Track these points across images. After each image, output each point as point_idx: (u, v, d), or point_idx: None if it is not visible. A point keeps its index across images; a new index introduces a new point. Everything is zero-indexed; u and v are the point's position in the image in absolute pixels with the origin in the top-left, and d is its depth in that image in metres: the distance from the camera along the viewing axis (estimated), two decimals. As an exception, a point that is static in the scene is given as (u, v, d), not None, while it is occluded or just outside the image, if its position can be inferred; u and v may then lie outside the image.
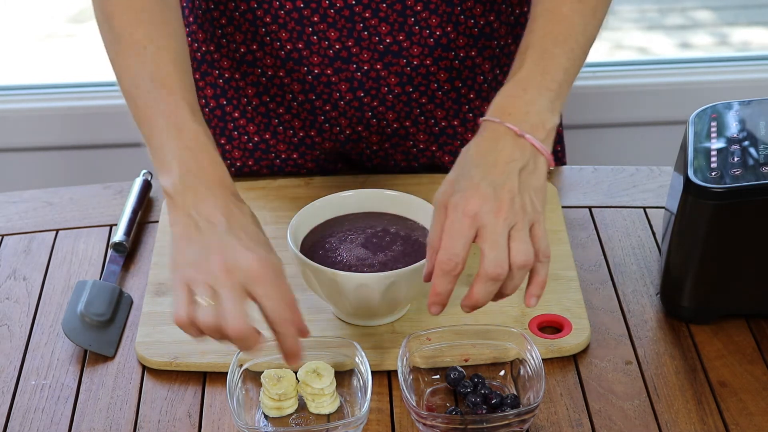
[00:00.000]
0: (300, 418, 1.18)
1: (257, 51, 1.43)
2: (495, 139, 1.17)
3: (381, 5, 1.39)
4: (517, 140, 1.16)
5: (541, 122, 1.18)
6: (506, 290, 1.15)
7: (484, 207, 1.12)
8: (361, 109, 1.46)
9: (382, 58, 1.42)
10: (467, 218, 1.12)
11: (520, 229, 1.13)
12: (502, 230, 1.12)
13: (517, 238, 1.13)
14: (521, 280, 1.14)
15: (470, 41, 1.44)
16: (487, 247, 1.12)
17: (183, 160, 1.16)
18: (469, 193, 1.13)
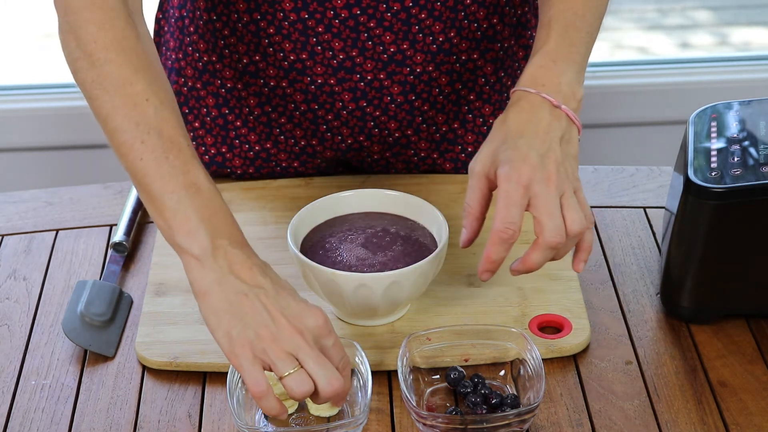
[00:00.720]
0: (300, 418, 1.18)
1: (260, 62, 1.43)
2: (533, 109, 1.21)
3: (386, 15, 1.38)
4: (554, 110, 1.21)
5: (572, 93, 1.23)
6: (558, 256, 1.19)
7: (536, 176, 1.16)
8: (363, 118, 1.46)
9: (386, 67, 1.42)
10: (521, 187, 1.16)
11: (570, 196, 1.17)
12: (555, 199, 1.16)
13: (569, 207, 1.17)
14: (573, 245, 1.19)
15: (473, 44, 1.44)
16: (545, 216, 1.16)
17: (207, 220, 1.11)
18: (519, 163, 1.17)
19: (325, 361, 1.09)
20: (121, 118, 1.15)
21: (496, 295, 1.31)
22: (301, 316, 1.09)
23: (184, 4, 1.46)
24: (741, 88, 2.37)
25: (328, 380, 1.09)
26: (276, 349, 1.08)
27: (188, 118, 1.50)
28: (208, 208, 1.12)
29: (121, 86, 1.15)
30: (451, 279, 1.33)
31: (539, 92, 1.21)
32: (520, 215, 1.17)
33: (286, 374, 1.08)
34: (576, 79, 1.24)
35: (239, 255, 1.11)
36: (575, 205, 1.17)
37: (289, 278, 1.32)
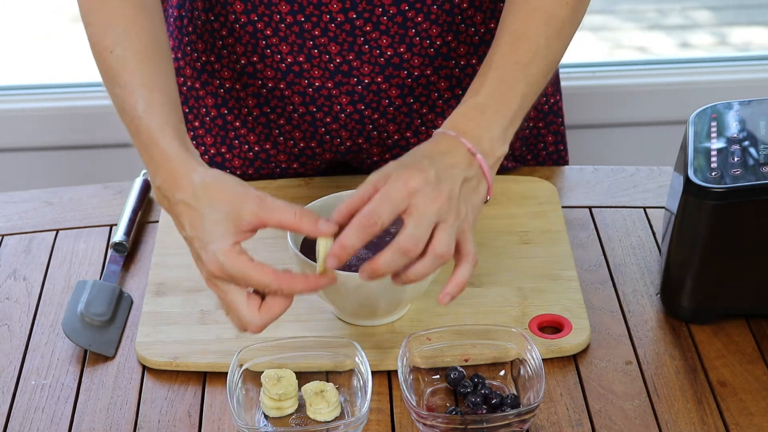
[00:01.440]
0: (300, 418, 1.18)
1: (258, 63, 1.43)
2: (448, 146, 1.16)
3: (382, 18, 1.38)
4: (469, 157, 1.16)
5: (492, 149, 1.17)
6: (410, 274, 1.12)
7: (425, 189, 1.11)
8: (361, 121, 1.46)
9: (383, 71, 1.42)
10: (405, 191, 1.10)
11: (449, 226, 1.11)
12: (432, 216, 1.11)
13: (442, 230, 1.11)
14: (430, 270, 1.12)
15: (471, 49, 1.44)
16: (412, 222, 1.10)
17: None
18: (415, 172, 1.12)
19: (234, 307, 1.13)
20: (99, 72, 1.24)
21: (496, 295, 1.31)
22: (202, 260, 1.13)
23: (182, 3, 1.46)
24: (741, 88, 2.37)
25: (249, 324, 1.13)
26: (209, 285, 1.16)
27: (188, 117, 1.50)
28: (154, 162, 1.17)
29: (96, 43, 1.24)
30: (451, 279, 1.32)
31: (458, 136, 1.16)
32: (390, 214, 1.10)
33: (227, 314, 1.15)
34: (500, 136, 1.18)
35: None
36: (450, 233, 1.11)
37: (289, 278, 1.32)
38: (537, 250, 1.37)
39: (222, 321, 1.28)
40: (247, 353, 1.19)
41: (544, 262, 1.35)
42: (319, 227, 1.12)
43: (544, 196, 1.46)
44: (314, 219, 1.12)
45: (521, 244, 1.39)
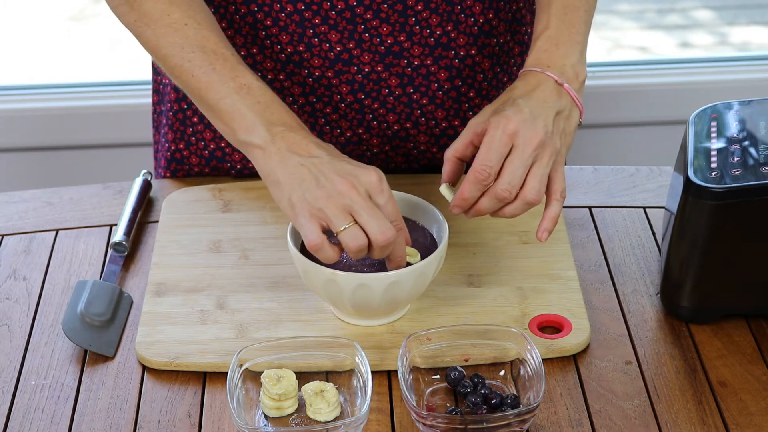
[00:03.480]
0: (300, 418, 1.18)
1: (257, 54, 1.43)
2: (537, 82, 1.26)
3: (382, 6, 1.39)
4: (557, 88, 1.26)
5: (575, 74, 1.28)
6: (505, 213, 1.24)
7: (522, 130, 1.21)
8: (362, 111, 1.46)
9: (383, 59, 1.42)
10: (506, 135, 1.21)
11: (543, 165, 1.22)
12: (528, 159, 1.21)
13: (534, 174, 1.22)
14: (522, 211, 1.23)
15: (470, 39, 1.44)
16: (508, 170, 1.21)
17: (261, 113, 1.23)
18: (511, 114, 1.22)
19: (377, 212, 1.17)
20: (166, 46, 1.28)
21: (496, 295, 1.31)
22: (353, 173, 1.18)
23: None
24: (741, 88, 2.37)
25: (380, 229, 1.17)
26: (331, 205, 1.17)
27: (187, 113, 1.50)
28: (260, 104, 1.24)
29: (159, 18, 1.28)
30: (451, 279, 1.33)
31: (544, 71, 1.27)
32: (498, 160, 1.21)
33: (342, 229, 1.16)
34: (579, 60, 1.29)
35: (295, 136, 1.22)
36: (541, 177, 1.22)
37: (290, 278, 1.33)
38: (537, 250, 1.37)
39: (222, 321, 1.28)
40: (247, 353, 1.19)
41: (544, 262, 1.35)
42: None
43: (544, 196, 1.46)
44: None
45: (521, 244, 1.39)
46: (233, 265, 1.36)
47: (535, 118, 1.22)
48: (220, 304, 1.30)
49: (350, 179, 1.17)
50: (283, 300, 1.30)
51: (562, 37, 1.29)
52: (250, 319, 1.28)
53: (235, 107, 1.24)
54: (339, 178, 1.17)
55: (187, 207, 1.46)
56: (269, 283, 1.33)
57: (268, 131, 1.22)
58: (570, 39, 1.30)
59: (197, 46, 1.26)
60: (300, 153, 1.20)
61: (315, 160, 1.20)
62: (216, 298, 1.31)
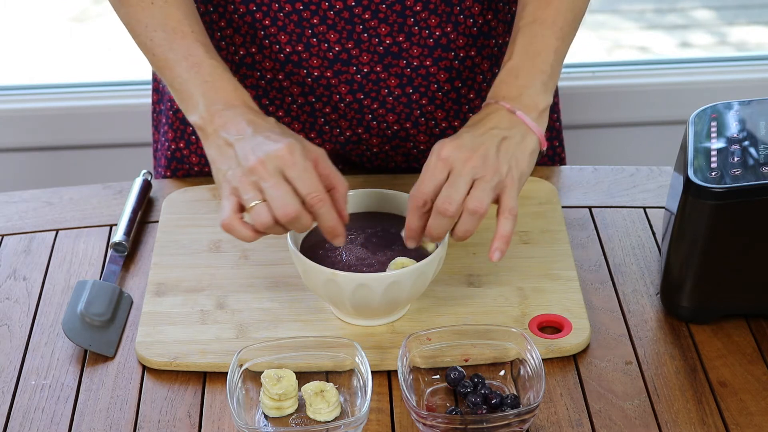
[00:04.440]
0: (300, 418, 1.18)
1: (256, 54, 1.43)
2: (487, 113, 1.26)
3: (380, 6, 1.39)
4: (509, 115, 1.25)
5: (534, 103, 1.26)
6: (458, 231, 1.21)
7: (457, 153, 1.20)
8: (361, 111, 1.46)
9: (382, 59, 1.42)
10: (440, 161, 1.21)
11: (486, 181, 1.20)
12: (466, 174, 1.20)
13: (477, 187, 1.20)
14: (472, 226, 1.21)
15: (469, 41, 1.44)
16: (446, 185, 1.20)
17: (205, 92, 1.26)
18: (448, 141, 1.22)
19: (283, 187, 1.17)
20: (135, 25, 1.31)
21: (496, 295, 1.31)
22: (265, 149, 1.18)
23: None
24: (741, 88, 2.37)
25: (281, 203, 1.17)
26: (244, 183, 1.18)
27: None
28: (207, 83, 1.26)
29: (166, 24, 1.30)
30: (451, 279, 1.33)
31: (497, 101, 1.26)
32: (433, 187, 1.20)
33: (251, 206, 1.18)
34: (541, 90, 1.27)
35: (230, 113, 1.24)
36: (484, 189, 1.20)
37: (289, 278, 1.33)
38: (537, 250, 1.38)
39: (222, 321, 1.28)
40: (247, 353, 1.19)
41: (544, 262, 1.35)
42: None
43: (544, 196, 1.46)
44: None
45: (521, 244, 1.39)
46: (233, 265, 1.36)
47: (474, 143, 1.22)
48: (220, 304, 1.30)
49: (260, 155, 1.18)
50: (283, 300, 1.30)
51: (524, 69, 1.28)
52: (250, 319, 1.28)
53: (185, 86, 1.27)
54: (252, 155, 1.19)
55: (187, 207, 1.46)
56: (269, 283, 1.33)
57: (207, 110, 1.25)
58: (532, 69, 1.28)
59: (159, 25, 1.29)
60: (230, 131, 1.22)
61: (241, 138, 1.21)
62: (216, 298, 1.31)
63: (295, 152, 1.18)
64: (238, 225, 1.19)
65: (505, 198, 1.22)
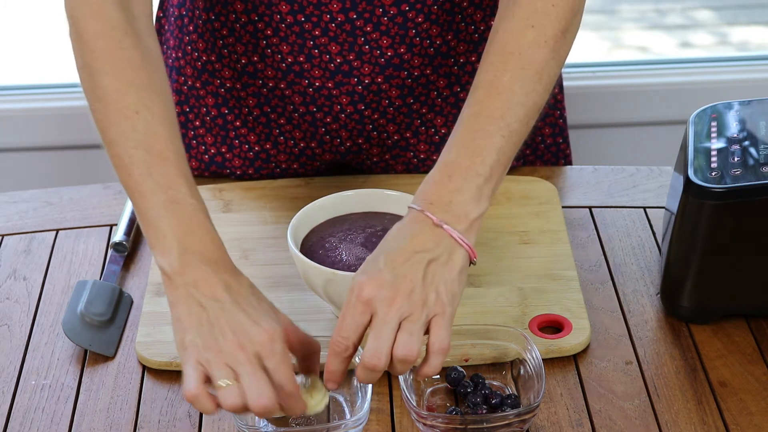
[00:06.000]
0: (300, 418, 1.18)
1: (258, 63, 1.43)
2: (411, 225, 1.12)
3: (382, 19, 1.38)
4: (434, 230, 1.12)
5: (464, 212, 1.13)
6: (394, 372, 1.11)
7: (379, 294, 1.08)
8: (362, 121, 1.45)
9: (384, 71, 1.42)
10: (361, 303, 1.09)
11: (413, 321, 1.09)
12: (391, 320, 1.08)
13: (405, 330, 1.09)
14: (404, 370, 1.10)
15: (470, 47, 1.44)
16: (372, 336, 1.09)
17: (181, 237, 1.11)
18: (368, 278, 1.09)
19: (261, 377, 1.06)
20: (114, 132, 1.15)
21: (496, 295, 1.31)
22: (248, 332, 1.07)
23: (183, 2, 1.46)
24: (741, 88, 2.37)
25: (257, 395, 1.06)
26: (217, 360, 1.07)
27: (189, 116, 1.50)
28: (184, 225, 1.12)
29: (114, 99, 1.15)
30: (451, 279, 1.32)
31: (423, 210, 1.12)
32: (355, 331, 1.09)
33: (222, 385, 1.07)
34: (474, 197, 1.13)
35: (205, 271, 1.10)
36: (413, 330, 1.08)
37: (289, 278, 1.32)
38: (537, 250, 1.38)
39: (222, 321, 1.28)
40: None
41: (544, 262, 1.35)
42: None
43: (544, 196, 1.46)
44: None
45: (521, 244, 1.39)
46: (233, 265, 1.36)
47: (396, 279, 1.09)
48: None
49: (241, 338, 1.07)
50: (283, 300, 1.30)
51: (459, 169, 1.13)
52: None
53: (158, 223, 1.12)
54: (231, 334, 1.07)
55: (187, 207, 1.45)
56: (269, 283, 1.33)
57: (180, 260, 1.11)
58: (468, 171, 1.13)
59: (142, 143, 1.14)
60: (204, 292, 1.09)
61: (216, 304, 1.09)
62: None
63: (276, 341, 1.08)
64: (204, 398, 1.07)
65: (434, 332, 1.10)
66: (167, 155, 1.13)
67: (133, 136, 1.14)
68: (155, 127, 1.14)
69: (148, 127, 1.14)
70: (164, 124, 1.15)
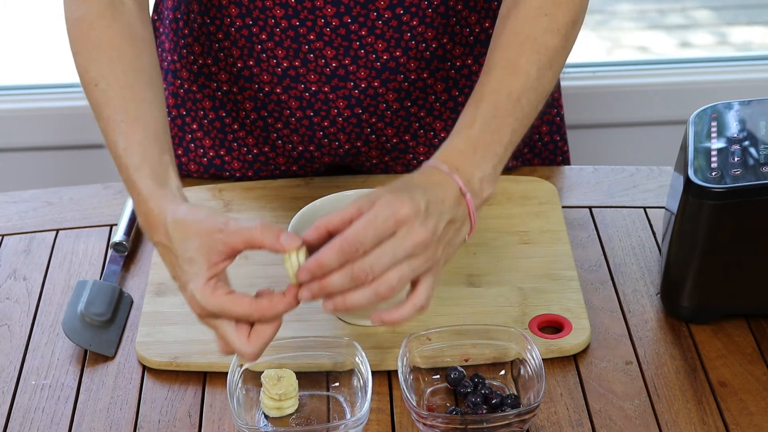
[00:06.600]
0: (300, 418, 1.18)
1: (254, 67, 1.43)
2: (440, 181, 1.12)
3: (377, 23, 1.38)
4: (459, 195, 1.12)
5: (481, 190, 1.14)
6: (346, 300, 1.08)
7: (413, 221, 1.07)
8: (359, 125, 1.45)
9: (380, 75, 1.41)
10: (393, 220, 1.06)
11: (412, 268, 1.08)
12: (400, 252, 1.07)
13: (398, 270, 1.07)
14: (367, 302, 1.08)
15: (466, 50, 1.44)
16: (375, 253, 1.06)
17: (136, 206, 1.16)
18: (407, 199, 1.08)
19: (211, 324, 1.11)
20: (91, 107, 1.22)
21: (496, 295, 1.31)
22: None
23: (178, 6, 1.45)
24: (741, 88, 2.37)
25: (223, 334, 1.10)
26: None
27: (186, 119, 1.50)
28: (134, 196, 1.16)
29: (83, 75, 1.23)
30: (451, 279, 1.32)
31: (451, 173, 1.13)
32: (373, 241, 1.06)
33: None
34: (490, 175, 1.15)
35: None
36: (403, 275, 1.07)
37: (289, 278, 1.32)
38: (537, 250, 1.38)
39: (222, 321, 1.28)
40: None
41: (544, 262, 1.35)
42: (281, 242, 1.08)
43: (544, 196, 1.46)
44: (276, 233, 1.08)
45: (521, 244, 1.39)
46: (233, 265, 1.35)
47: (429, 215, 1.08)
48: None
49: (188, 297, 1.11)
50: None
51: (483, 143, 1.15)
52: None
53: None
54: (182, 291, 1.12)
55: (187, 207, 1.45)
56: (269, 283, 1.32)
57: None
58: (490, 148, 1.15)
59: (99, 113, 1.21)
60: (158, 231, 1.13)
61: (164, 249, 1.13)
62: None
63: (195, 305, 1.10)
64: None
65: (422, 287, 1.10)
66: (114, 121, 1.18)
67: (94, 106, 1.21)
68: (109, 96, 1.20)
69: (102, 96, 1.20)
70: (120, 91, 1.20)
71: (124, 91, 1.20)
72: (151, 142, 1.17)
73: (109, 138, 1.19)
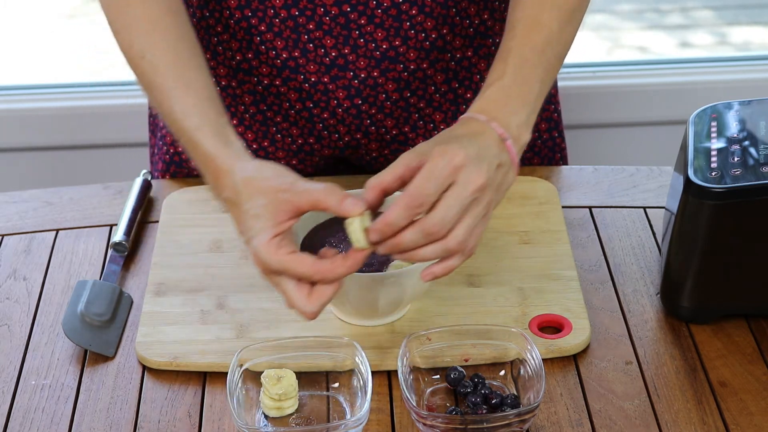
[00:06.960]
0: (300, 418, 1.18)
1: (253, 59, 1.43)
2: (480, 130, 1.15)
3: (376, 11, 1.38)
4: (500, 142, 1.15)
5: (519, 135, 1.17)
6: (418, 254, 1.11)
7: (469, 166, 1.10)
8: (359, 116, 1.46)
9: (379, 64, 1.42)
10: (451, 167, 1.09)
11: (474, 215, 1.11)
12: (466, 199, 1.10)
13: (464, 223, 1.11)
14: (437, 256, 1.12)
15: (466, 41, 1.44)
16: (443, 205, 1.09)
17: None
18: (458, 148, 1.10)
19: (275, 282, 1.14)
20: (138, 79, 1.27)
21: (496, 295, 1.31)
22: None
23: None
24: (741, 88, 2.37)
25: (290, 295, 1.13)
26: None
27: None
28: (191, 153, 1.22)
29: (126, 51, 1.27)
30: (451, 279, 1.32)
31: (489, 122, 1.16)
32: (436, 191, 1.09)
33: None
34: (525, 122, 1.18)
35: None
36: (468, 226, 1.11)
37: (289, 278, 1.32)
38: (537, 250, 1.38)
39: (222, 321, 1.28)
40: (247, 353, 1.19)
41: (544, 262, 1.35)
42: (344, 206, 1.11)
43: (544, 196, 1.46)
44: (341, 197, 1.11)
45: (521, 244, 1.39)
46: (233, 265, 1.36)
47: (481, 159, 1.11)
48: (220, 304, 1.30)
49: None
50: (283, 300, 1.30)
51: (515, 92, 1.19)
52: (250, 319, 1.28)
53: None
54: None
55: (187, 207, 1.46)
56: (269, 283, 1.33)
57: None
58: (522, 96, 1.19)
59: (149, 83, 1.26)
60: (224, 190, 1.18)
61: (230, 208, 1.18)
62: (216, 298, 1.31)
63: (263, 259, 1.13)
64: None
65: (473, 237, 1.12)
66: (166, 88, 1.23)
67: (142, 78, 1.26)
68: (157, 66, 1.24)
69: (150, 67, 1.24)
70: (166, 59, 1.24)
71: (170, 59, 1.24)
72: (205, 105, 1.22)
73: (163, 106, 1.23)
